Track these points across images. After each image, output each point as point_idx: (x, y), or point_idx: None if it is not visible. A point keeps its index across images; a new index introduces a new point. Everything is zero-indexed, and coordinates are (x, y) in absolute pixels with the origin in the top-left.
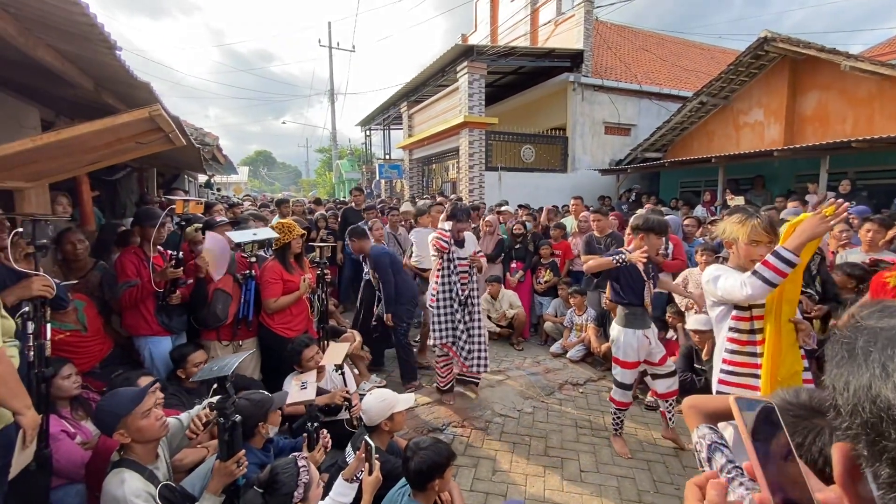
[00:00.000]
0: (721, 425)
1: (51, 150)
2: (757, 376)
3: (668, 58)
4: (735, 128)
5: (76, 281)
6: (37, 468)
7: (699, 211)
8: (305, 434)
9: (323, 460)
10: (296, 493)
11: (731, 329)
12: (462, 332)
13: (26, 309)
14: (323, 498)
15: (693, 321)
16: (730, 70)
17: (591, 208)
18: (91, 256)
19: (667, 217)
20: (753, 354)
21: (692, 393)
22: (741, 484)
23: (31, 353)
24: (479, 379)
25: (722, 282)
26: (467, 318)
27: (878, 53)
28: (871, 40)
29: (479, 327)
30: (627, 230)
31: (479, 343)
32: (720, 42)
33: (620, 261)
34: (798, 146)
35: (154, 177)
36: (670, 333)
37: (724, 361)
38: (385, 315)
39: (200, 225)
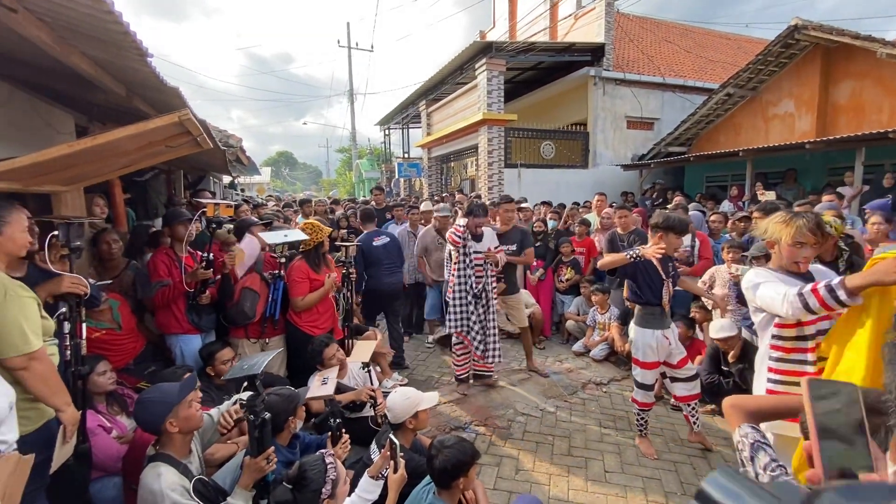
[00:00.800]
0: (763, 426)
1: (86, 155)
2: None
3: (693, 49)
4: (764, 120)
5: (110, 281)
6: (77, 462)
7: (725, 206)
8: (328, 431)
9: (347, 457)
10: (323, 490)
11: (773, 336)
12: (475, 323)
13: (63, 309)
14: (349, 494)
15: (715, 329)
16: (758, 60)
17: (615, 204)
18: (124, 257)
19: (691, 213)
20: (803, 362)
21: (719, 395)
22: (786, 481)
23: (69, 351)
24: (493, 372)
25: (762, 291)
26: (481, 311)
27: None
28: None
29: (493, 320)
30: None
31: (493, 336)
32: (747, 31)
33: (634, 256)
34: (832, 138)
35: (181, 178)
36: (697, 332)
37: (771, 370)
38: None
39: (231, 227)
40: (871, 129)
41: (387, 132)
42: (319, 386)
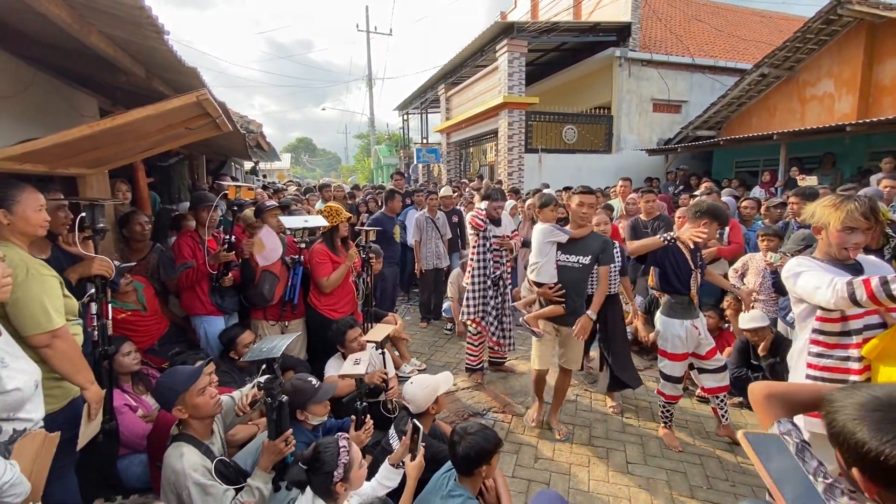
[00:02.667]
0: (798, 420)
1: (108, 137)
2: (847, 383)
3: (724, 27)
4: (800, 101)
5: (135, 263)
6: (105, 439)
7: (756, 192)
8: (353, 414)
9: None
10: (335, 473)
11: (814, 330)
12: (492, 308)
13: (91, 291)
14: (368, 479)
15: (745, 319)
16: (796, 38)
17: (641, 189)
18: (150, 239)
19: (724, 199)
20: (846, 359)
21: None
22: (843, 493)
23: (95, 332)
24: (506, 358)
25: (803, 279)
26: (498, 297)
27: None
28: None
29: (508, 308)
30: (678, 213)
31: (508, 323)
32: (784, 7)
33: (669, 239)
34: (876, 119)
35: (203, 164)
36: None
37: (810, 366)
38: None
39: (254, 209)
40: None
41: (405, 117)
42: (353, 365)
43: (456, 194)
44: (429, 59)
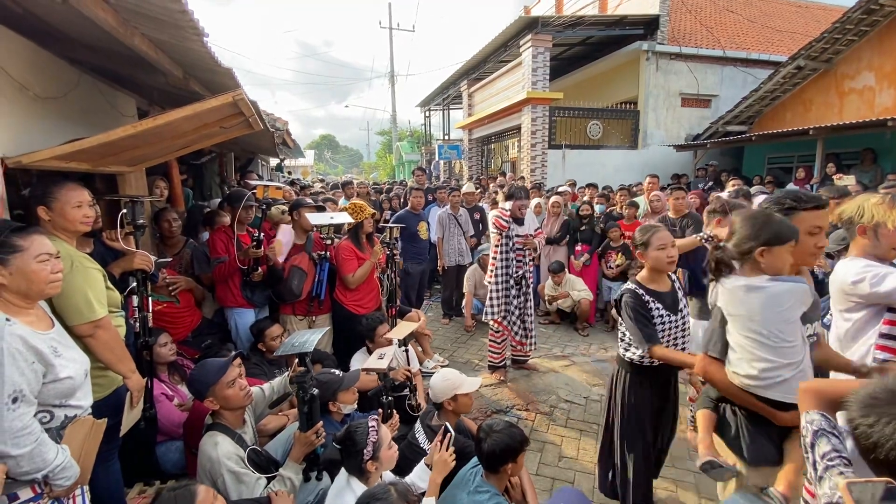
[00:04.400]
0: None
1: (148, 136)
2: None
3: (758, 18)
4: (838, 95)
5: (170, 259)
6: (145, 426)
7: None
8: (380, 408)
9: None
10: (365, 451)
11: (882, 335)
12: (515, 308)
13: (133, 284)
14: (397, 474)
15: None
16: (835, 28)
17: (670, 185)
18: (182, 235)
19: (758, 196)
20: None
21: None
22: (841, 473)
23: (137, 323)
24: (529, 357)
25: (890, 281)
26: (522, 297)
27: None
28: None
29: (530, 307)
30: (706, 210)
31: (531, 323)
32: None
33: (707, 237)
34: None
35: (232, 161)
36: None
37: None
38: None
39: (285, 207)
40: None
41: (427, 114)
42: (377, 360)
43: (478, 190)
44: (452, 54)
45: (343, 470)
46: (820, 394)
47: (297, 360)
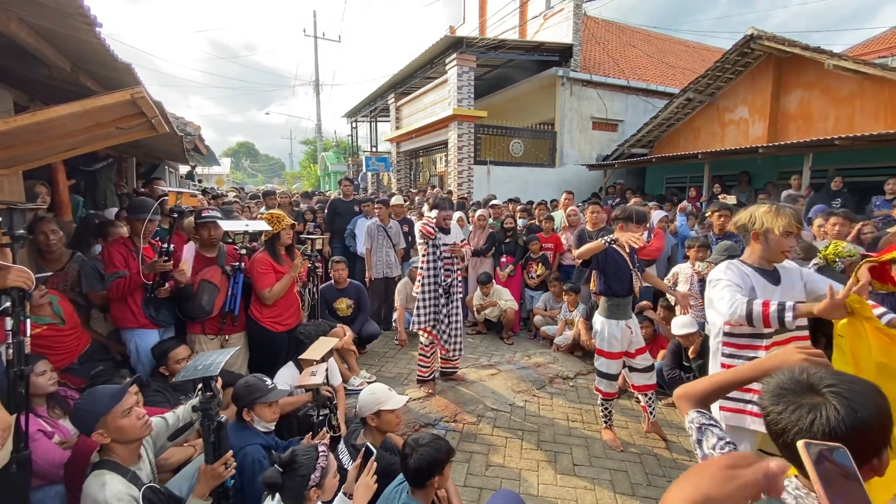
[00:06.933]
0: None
1: (25, 135)
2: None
3: (655, 54)
4: (720, 125)
5: (51, 273)
6: (17, 469)
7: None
8: (309, 428)
9: None
10: (312, 477)
11: (725, 333)
12: (444, 316)
13: (7, 304)
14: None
15: (677, 325)
16: (716, 67)
17: (590, 200)
18: (68, 248)
19: (655, 212)
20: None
21: None
22: (722, 448)
23: (10, 349)
24: (457, 368)
25: (717, 290)
26: (450, 305)
27: (859, 53)
28: (852, 41)
29: (458, 315)
30: (612, 216)
31: (457, 330)
32: (705, 39)
33: (610, 241)
34: (783, 143)
35: (133, 167)
36: (660, 328)
37: (723, 366)
38: None
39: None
40: (818, 136)
41: (354, 125)
42: (310, 376)
43: (406, 203)
44: (379, 67)
45: (277, 497)
46: (690, 395)
47: (200, 386)
